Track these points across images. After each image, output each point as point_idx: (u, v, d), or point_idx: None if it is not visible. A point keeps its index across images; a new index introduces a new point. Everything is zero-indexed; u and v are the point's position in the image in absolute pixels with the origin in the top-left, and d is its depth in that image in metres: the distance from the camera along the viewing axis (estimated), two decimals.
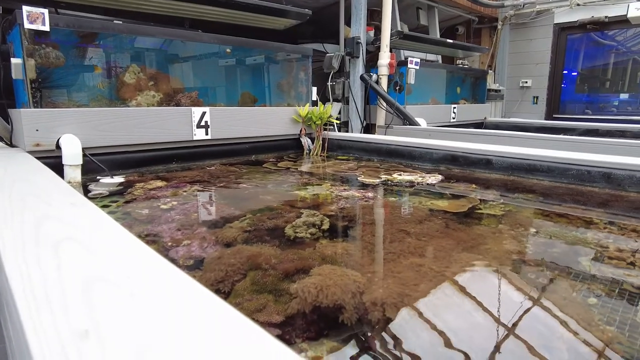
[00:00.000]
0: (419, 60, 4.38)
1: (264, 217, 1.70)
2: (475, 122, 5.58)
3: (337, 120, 3.78)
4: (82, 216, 0.98)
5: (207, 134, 2.89)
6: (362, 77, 4.18)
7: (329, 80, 4.23)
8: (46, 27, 2.17)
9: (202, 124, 2.85)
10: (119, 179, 2.31)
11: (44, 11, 2.15)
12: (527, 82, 6.31)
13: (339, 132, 3.85)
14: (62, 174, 2.15)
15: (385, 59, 4.12)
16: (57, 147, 2.22)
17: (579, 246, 1.43)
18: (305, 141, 3.53)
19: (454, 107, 5.13)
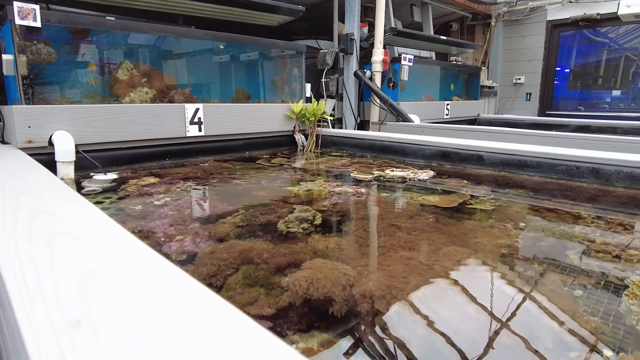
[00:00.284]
0: (412, 56, 4.39)
1: (256, 212, 1.71)
2: (468, 118, 5.60)
3: (331, 116, 3.79)
4: (75, 212, 0.98)
5: (200, 130, 2.89)
6: (355, 74, 4.19)
7: (323, 76, 4.23)
8: (37, 23, 2.16)
9: (196, 120, 2.85)
10: (112, 176, 2.31)
11: (35, 7, 2.14)
12: (520, 79, 6.35)
13: (333, 129, 3.86)
14: (54, 170, 2.14)
15: (378, 55, 4.13)
16: (50, 143, 2.22)
17: (567, 240, 1.46)
18: (299, 138, 3.54)
19: (448, 104, 5.15)
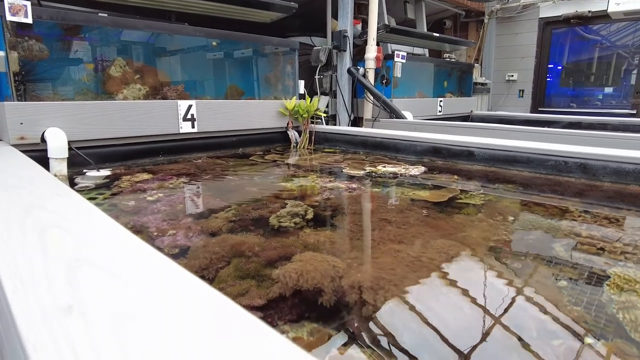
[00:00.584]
0: (405, 53, 4.41)
1: (249, 207, 1.73)
2: (461, 115, 5.64)
3: (324, 113, 3.81)
4: (68, 207, 0.99)
5: (193, 127, 2.90)
6: (349, 71, 4.20)
7: (317, 73, 4.25)
8: (29, 20, 2.16)
9: (189, 117, 2.86)
10: (105, 172, 2.31)
11: (26, 3, 2.14)
12: (513, 76, 6.40)
13: (326, 126, 3.88)
14: (47, 167, 2.15)
15: (372, 52, 4.15)
16: (42, 140, 2.22)
17: (554, 233, 1.49)
18: (292, 134, 3.55)
19: (441, 101, 5.18)
